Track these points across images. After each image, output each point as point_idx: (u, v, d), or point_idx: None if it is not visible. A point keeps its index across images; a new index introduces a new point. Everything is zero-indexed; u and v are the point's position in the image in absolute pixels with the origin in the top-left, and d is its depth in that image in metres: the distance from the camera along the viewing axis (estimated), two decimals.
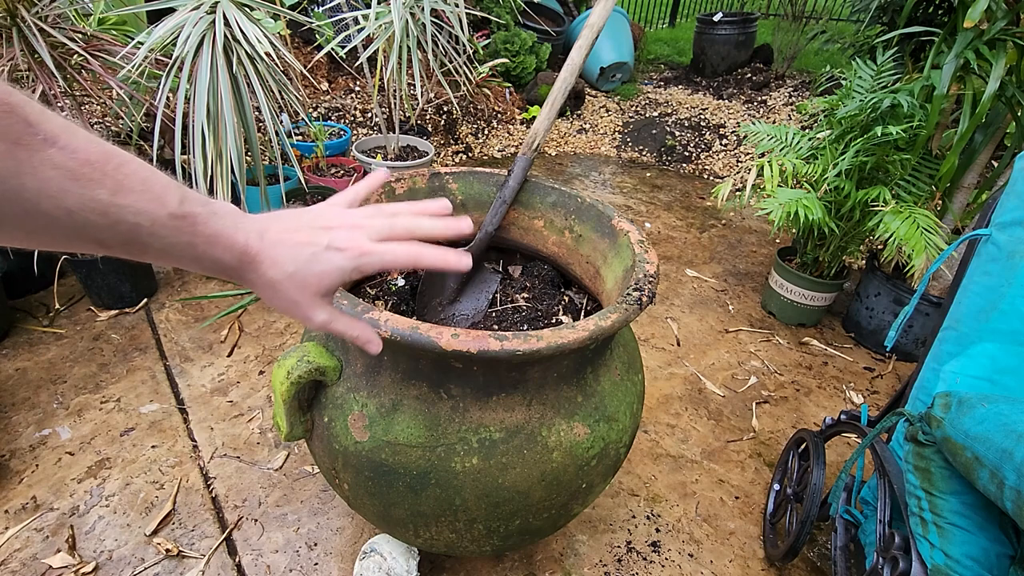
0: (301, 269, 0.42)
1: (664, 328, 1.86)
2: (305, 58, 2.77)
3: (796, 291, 1.86)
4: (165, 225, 0.36)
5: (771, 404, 1.59)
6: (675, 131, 3.39)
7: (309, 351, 0.74)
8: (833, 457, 1.42)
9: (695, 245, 2.39)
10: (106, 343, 1.58)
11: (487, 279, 1.13)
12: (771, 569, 1.16)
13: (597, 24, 0.99)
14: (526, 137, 1.03)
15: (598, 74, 3.84)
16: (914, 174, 1.63)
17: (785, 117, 3.42)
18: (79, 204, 0.32)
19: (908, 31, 1.61)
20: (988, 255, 0.86)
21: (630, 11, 5.75)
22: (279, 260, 0.42)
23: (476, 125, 3.18)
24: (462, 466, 0.72)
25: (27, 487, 1.18)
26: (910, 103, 1.45)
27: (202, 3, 1.39)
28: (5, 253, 1.61)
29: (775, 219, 1.54)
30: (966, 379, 0.82)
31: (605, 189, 2.86)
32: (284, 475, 1.26)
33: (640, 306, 0.73)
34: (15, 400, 1.38)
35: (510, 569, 1.11)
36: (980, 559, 0.71)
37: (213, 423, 1.37)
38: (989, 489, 0.63)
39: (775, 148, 1.81)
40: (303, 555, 1.10)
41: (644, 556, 1.16)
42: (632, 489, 1.30)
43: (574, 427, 0.76)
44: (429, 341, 0.62)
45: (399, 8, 1.74)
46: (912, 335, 1.76)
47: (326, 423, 0.77)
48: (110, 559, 1.07)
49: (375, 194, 0.99)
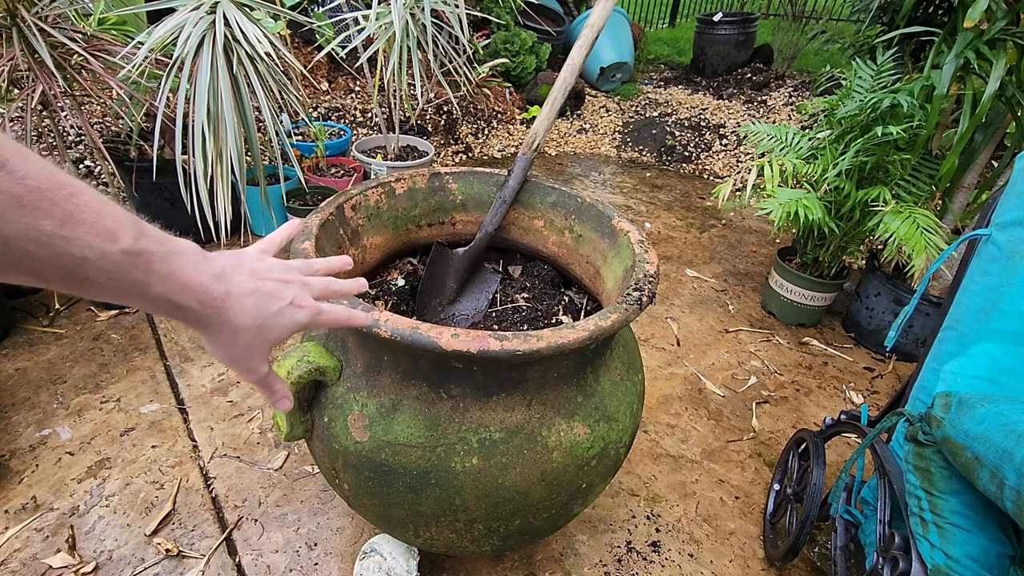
0: (268, 321, 0.43)
1: (664, 328, 1.86)
2: (305, 58, 2.77)
3: (796, 291, 1.86)
4: (116, 261, 0.34)
5: (771, 404, 1.59)
6: (675, 131, 3.39)
7: (309, 351, 0.74)
8: (833, 457, 1.42)
9: (695, 245, 2.39)
10: (106, 343, 1.58)
11: (487, 279, 1.13)
12: (771, 569, 1.16)
13: (597, 24, 0.99)
14: (526, 137, 1.03)
15: (598, 74, 3.84)
16: (914, 174, 1.63)
17: (785, 117, 3.42)
18: (20, 233, 0.30)
19: (908, 31, 1.61)
20: (988, 255, 0.86)
21: (630, 11, 5.75)
22: (248, 309, 0.42)
23: (476, 125, 3.18)
24: (462, 466, 0.72)
25: (27, 487, 1.18)
26: (910, 103, 1.44)
27: (202, 3, 1.39)
28: None
29: (775, 219, 1.54)
30: (966, 379, 0.82)
31: (605, 189, 2.86)
32: (284, 475, 1.26)
33: (640, 306, 0.73)
34: (15, 400, 1.38)
35: (510, 569, 1.11)
36: (980, 559, 0.71)
37: (213, 423, 1.37)
38: (989, 489, 0.63)
39: (775, 148, 1.81)
40: (303, 555, 1.10)
41: (644, 556, 1.16)
42: (632, 489, 1.30)
43: (574, 427, 0.76)
44: (429, 341, 0.62)
45: (400, 9, 1.74)
46: (912, 335, 1.76)
47: (326, 423, 0.77)
48: (110, 559, 1.07)
49: (376, 194, 0.99)
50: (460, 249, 1.08)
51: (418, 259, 1.15)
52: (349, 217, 0.94)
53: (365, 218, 0.97)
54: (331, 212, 0.88)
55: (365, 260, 0.99)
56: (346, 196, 0.93)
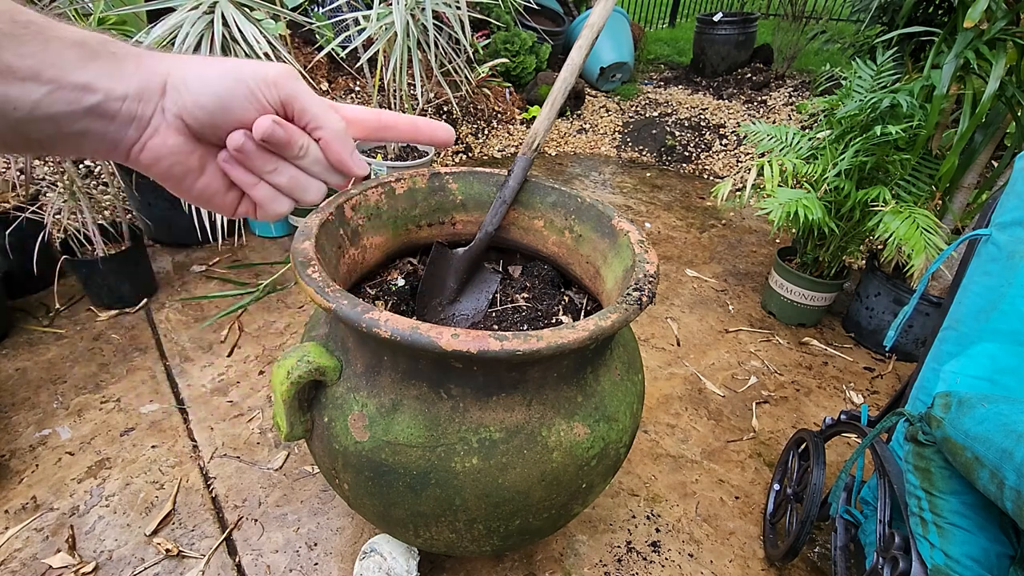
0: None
1: (664, 328, 1.86)
2: (305, 58, 2.77)
3: (796, 291, 1.86)
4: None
5: (771, 404, 1.59)
6: (675, 131, 3.39)
7: (309, 351, 0.74)
8: (833, 457, 1.42)
9: (695, 245, 2.39)
10: (106, 343, 1.58)
11: (487, 279, 1.13)
12: (771, 569, 1.16)
13: (597, 24, 0.99)
14: (526, 137, 1.03)
15: (598, 74, 3.84)
16: (914, 174, 1.63)
17: (785, 117, 3.42)
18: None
19: (908, 31, 1.61)
20: (988, 255, 0.86)
21: (630, 11, 5.75)
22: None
23: (476, 125, 3.18)
24: (462, 466, 0.72)
25: (27, 487, 1.18)
26: (910, 103, 1.44)
27: (201, 3, 1.39)
28: (5, 253, 1.61)
29: (775, 219, 1.54)
30: (966, 379, 0.82)
31: (605, 189, 2.86)
32: (284, 475, 1.26)
33: (640, 306, 0.73)
34: (15, 400, 1.38)
35: (510, 569, 1.11)
36: (980, 559, 0.71)
37: (213, 423, 1.37)
38: (989, 489, 0.63)
39: (775, 148, 1.81)
40: (303, 555, 1.10)
41: (644, 556, 1.16)
42: (632, 489, 1.30)
43: (574, 427, 0.76)
44: (429, 341, 0.62)
45: (401, 10, 1.74)
46: (912, 335, 1.76)
47: (326, 423, 0.77)
48: (110, 559, 1.07)
49: (376, 194, 0.99)
50: (460, 249, 1.08)
51: (418, 259, 1.15)
52: (349, 217, 0.94)
53: (365, 218, 0.97)
54: (331, 212, 0.88)
55: (365, 260, 0.99)
56: (346, 196, 0.93)
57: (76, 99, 0.31)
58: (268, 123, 0.34)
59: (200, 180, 0.37)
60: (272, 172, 0.37)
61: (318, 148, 0.38)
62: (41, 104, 0.30)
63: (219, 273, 1.93)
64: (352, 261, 0.95)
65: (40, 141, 0.31)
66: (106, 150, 0.34)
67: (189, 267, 1.95)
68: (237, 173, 0.37)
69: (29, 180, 1.72)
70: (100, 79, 0.31)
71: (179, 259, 1.99)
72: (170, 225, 1.97)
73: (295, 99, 0.36)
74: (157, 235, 2.03)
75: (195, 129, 0.35)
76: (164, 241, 2.05)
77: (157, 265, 1.93)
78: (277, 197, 0.39)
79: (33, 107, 0.29)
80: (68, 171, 1.50)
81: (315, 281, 0.69)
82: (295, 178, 0.38)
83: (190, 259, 1.99)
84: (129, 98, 0.32)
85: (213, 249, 2.05)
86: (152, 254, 1.98)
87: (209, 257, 2.01)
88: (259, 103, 0.35)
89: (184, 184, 0.37)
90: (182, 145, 0.35)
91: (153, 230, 2.01)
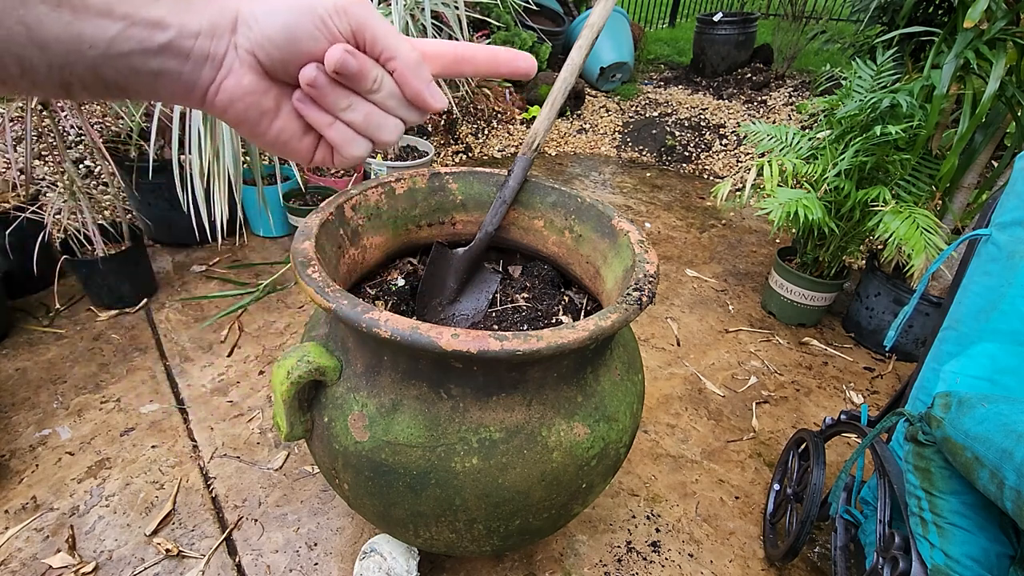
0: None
1: (664, 328, 1.86)
2: None
3: (796, 291, 1.86)
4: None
5: (771, 404, 1.59)
6: (675, 131, 3.39)
7: (309, 351, 0.74)
8: (833, 457, 1.42)
9: (695, 245, 2.39)
10: (106, 343, 1.58)
11: (487, 279, 1.13)
12: (771, 569, 1.16)
13: (597, 24, 0.99)
14: (526, 137, 1.03)
15: (598, 74, 3.84)
16: (914, 174, 1.63)
17: (785, 117, 3.42)
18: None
19: (908, 31, 1.61)
20: (988, 255, 0.86)
21: (630, 11, 5.75)
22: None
23: (476, 125, 3.18)
24: (462, 466, 0.72)
25: (27, 487, 1.18)
26: (910, 103, 1.44)
27: None
28: (5, 253, 1.61)
29: (775, 219, 1.54)
30: (966, 379, 0.82)
31: (605, 189, 2.86)
32: (284, 475, 1.26)
33: (640, 306, 0.73)
34: (15, 400, 1.38)
35: (510, 569, 1.11)
36: (980, 559, 0.71)
37: (213, 423, 1.37)
38: (989, 489, 0.63)
39: (775, 148, 1.81)
40: (303, 555, 1.10)
41: (644, 556, 1.16)
42: (632, 489, 1.30)
43: (574, 427, 0.76)
44: (429, 341, 0.62)
45: (400, 10, 1.74)
46: (912, 335, 1.76)
47: (326, 423, 0.77)
48: (110, 559, 1.07)
49: (376, 194, 0.99)
50: (460, 249, 1.08)
51: (418, 259, 1.15)
52: (349, 217, 0.94)
53: (365, 218, 0.97)
54: (331, 212, 0.88)
55: (365, 260, 0.99)
56: (346, 196, 0.93)
57: (149, 36, 0.30)
58: (340, 52, 0.33)
59: (275, 123, 0.36)
60: (347, 109, 0.36)
61: (392, 81, 0.36)
62: (116, 41, 0.29)
63: (219, 273, 1.93)
64: (352, 261, 0.95)
65: (117, 83, 0.31)
66: (183, 93, 0.33)
67: (189, 267, 1.95)
68: (311, 112, 0.36)
69: (29, 180, 1.72)
70: (172, 14, 0.31)
71: (179, 259, 1.99)
72: (170, 225, 1.97)
73: (366, 27, 0.34)
74: (157, 235, 2.04)
75: (267, 66, 0.34)
76: (164, 241, 2.05)
77: (157, 265, 1.93)
78: (354, 138, 0.37)
79: (108, 45, 0.29)
80: (68, 171, 1.50)
81: (315, 281, 0.69)
82: (371, 114, 0.37)
83: (190, 259, 1.99)
84: (202, 35, 0.31)
85: (213, 249, 2.05)
86: (152, 254, 1.98)
87: (209, 257, 2.01)
88: (329, 33, 0.33)
89: (260, 128, 0.36)
90: (256, 84, 0.34)
91: (153, 230, 2.01)
